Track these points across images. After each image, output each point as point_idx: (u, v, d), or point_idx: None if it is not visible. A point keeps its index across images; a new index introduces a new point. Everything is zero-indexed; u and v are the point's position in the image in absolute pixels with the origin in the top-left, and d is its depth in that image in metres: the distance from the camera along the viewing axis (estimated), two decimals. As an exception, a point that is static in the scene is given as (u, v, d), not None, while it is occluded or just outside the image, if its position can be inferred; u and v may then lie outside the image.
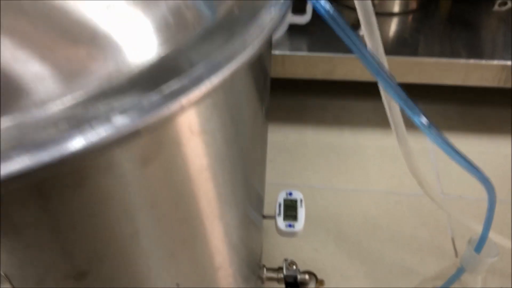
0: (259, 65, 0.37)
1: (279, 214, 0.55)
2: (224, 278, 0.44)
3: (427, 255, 0.88)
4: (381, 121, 1.13)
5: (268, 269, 0.65)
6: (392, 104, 0.48)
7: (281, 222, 0.54)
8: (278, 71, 0.98)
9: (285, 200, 0.55)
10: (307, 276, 0.65)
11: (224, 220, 0.40)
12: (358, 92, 1.22)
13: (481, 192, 0.57)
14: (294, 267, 0.63)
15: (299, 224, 0.54)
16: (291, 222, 0.54)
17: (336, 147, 1.08)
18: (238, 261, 0.47)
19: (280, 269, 0.65)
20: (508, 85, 0.97)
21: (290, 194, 0.56)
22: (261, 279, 0.65)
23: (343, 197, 0.97)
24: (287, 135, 1.11)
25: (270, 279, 0.65)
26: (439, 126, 0.42)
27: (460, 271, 0.68)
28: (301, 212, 0.55)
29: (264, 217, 0.58)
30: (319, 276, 0.84)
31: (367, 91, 1.21)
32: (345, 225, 0.93)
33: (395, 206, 0.96)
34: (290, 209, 0.55)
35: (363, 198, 0.97)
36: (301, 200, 0.56)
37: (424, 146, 1.07)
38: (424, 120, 0.39)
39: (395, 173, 1.02)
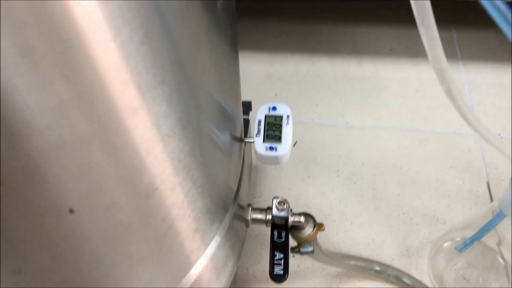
0: None
1: (258, 134, 0.41)
2: (174, 210, 0.32)
3: (456, 202, 0.74)
4: (406, 50, 0.97)
5: (255, 209, 0.53)
6: (430, 27, 0.33)
7: (259, 144, 0.41)
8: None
9: (267, 117, 0.42)
10: (302, 218, 0.52)
11: (172, 142, 0.28)
12: (380, 16, 1.05)
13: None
14: (285, 206, 0.51)
15: (284, 147, 0.41)
16: (273, 144, 0.41)
17: (353, 79, 0.93)
18: (196, 191, 0.34)
19: (269, 209, 0.52)
20: None
21: (274, 108, 0.43)
22: (245, 221, 0.52)
23: (358, 135, 0.83)
24: (297, 66, 0.96)
25: (257, 221, 0.53)
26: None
27: (498, 217, 0.54)
28: (287, 132, 0.42)
29: (241, 140, 0.45)
30: (325, 223, 0.71)
31: (389, 15, 1.04)
32: (359, 166, 0.79)
33: (420, 145, 0.81)
34: (273, 128, 0.42)
35: (382, 136, 0.83)
36: (287, 117, 0.42)
37: (457, 77, 0.91)
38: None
39: (420, 108, 0.87)
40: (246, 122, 0.67)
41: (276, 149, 0.41)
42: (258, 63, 0.97)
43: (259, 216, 0.53)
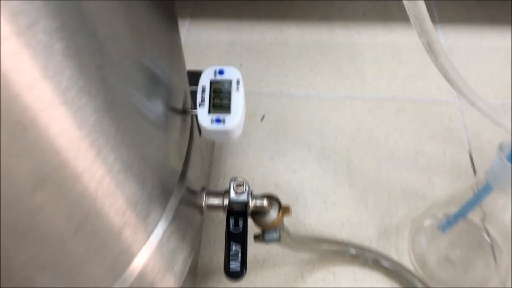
0: None
1: (202, 103, 0.34)
2: (82, 203, 0.25)
3: (437, 175, 0.68)
4: (380, 14, 0.90)
5: (210, 193, 0.46)
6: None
7: (204, 116, 0.34)
8: None
9: (212, 83, 0.35)
10: (265, 202, 0.45)
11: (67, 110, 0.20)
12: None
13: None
14: (245, 188, 0.44)
15: (234, 118, 0.34)
16: (221, 115, 0.34)
17: (324, 46, 0.86)
18: (114, 177, 0.27)
19: (226, 193, 0.45)
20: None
21: (221, 72, 0.35)
22: (199, 208, 0.45)
23: (330, 106, 0.77)
24: (264, 33, 0.88)
25: (213, 207, 0.45)
26: None
27: (484, 191, 0.49)
28: (238, 99, 0.34)
29: (184, 110, 0.37)
30: (294, 204, 0.65)
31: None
32: (332, 139, 0.72)
33: (397, 115, 0.75)
34: (220, 96, 0.35)
35: (356, 107, 0.76)
36: (237, 81, 0.35)
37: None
38: None
39: (396, 75, 0.81)
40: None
41: (224, 121, 0.34)
42: (221, 31, 0.88)
43: (216, 201, 0.46)
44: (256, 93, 0.79)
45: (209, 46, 0.86)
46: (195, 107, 0.38)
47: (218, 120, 0.34)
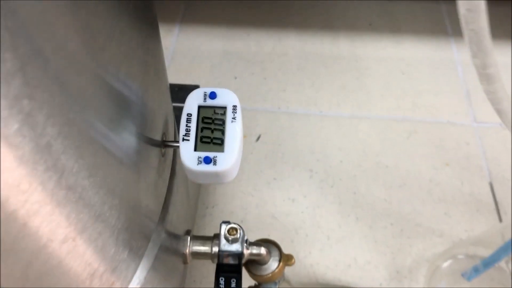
0: None
1: (187, 136, 0.26)
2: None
3: (454, 207, 0.60)
4: (387, 25, 0.82)
5: (196, 239, 0.37)
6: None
7: (189, 153, 0.25)
8: None
9: (201, 109, 0.26)
10: (262, 250, 0.37)
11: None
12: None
13: None
14: (239, 234, 0.35)
15: (228, 158, 0.26)
16: (211, 153, 0.26)
17: (327, 58, 0.78)
18: (91, 222, 0.19)
19: (216, 237, 0.37)
20: None
21: (213, 95, 0.27)
22: (182, 256, 0.37)
23: (334, 126, 0.69)
24: (261, 42, 0.80)
25: (200, 255, 0.37)
26: None
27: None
28: (234, 133, 0.26)
29: (164, 144, 0.29)
30: (293, 239, 0.57)
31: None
32: (336, 164, 0.64)
33: (408, 138, 0.67)
34: (211, 127, 0.26)
35: (362, 128, 0.68)
36: (233, 108, 0.27)
37: (448, 56, 0.77)
38: None
39: (406, 93, 0.73)
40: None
41: (215, 161, 0.26)
42: (214, 38, 0.80)
43: (203, 248, 0.37)
44: (251, 109, 0.71)
45: (200, 56, 0.78)
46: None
47: (207, 160, 0.26)
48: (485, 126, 0.68)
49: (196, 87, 0.56)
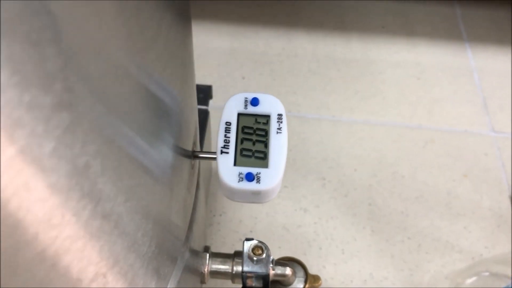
0: None
1: (226, 148, 0.22)
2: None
3: (474, 222, 0.57)
4: (402, 28, 0.79)
5: (215, 256, 0.34)
6: None
7: (228, 169, 0.22)
8: None
9: (241, 117, 0.23)
10: (287, 271, 0.34)
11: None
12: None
13: None
14: (264, 254, 0.32)
15: (273, 175, 0.22)
16: (254, 169, 0.22)
17: (339, 61, 0.75)
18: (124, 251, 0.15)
19: (237, 256, 0.33)
20: None
21: (254, 102, 0.23)
22: (200, 275, 0.33)
23: (347, 132, 0.65)
24: (270, 42, 0.77)
25: (219, 274, 0.34)
26: None
27: None
28: (279, 145, 0.23)
29: (194, 155, 0.25)
30: (305, 252, 0.53)
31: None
32: (350, 173, 0.61)
33: (424, 147, 0.64)
34: (253, 138, 0.23)
35: (377, 135, 0.65)
36: (278, 117, 0.24)
37: (464, 63, 0.74)
38: None
39: (422, 100, 0.70)
40: (204, 116, 0.47)
41: (258, 179, 0.22)
42: (220, 36, 0.77)
43: (222, 267, 0.34)
44: (260, 111, 0.67)
45: (206, 53, 0.74)
46: (201, 138, 0.26)
47: (249, 177, 0.22)
48: (503, 136, 0.66)
49: (208, 87, 0.52)
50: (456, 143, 0.65)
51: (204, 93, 0.50)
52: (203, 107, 0.48)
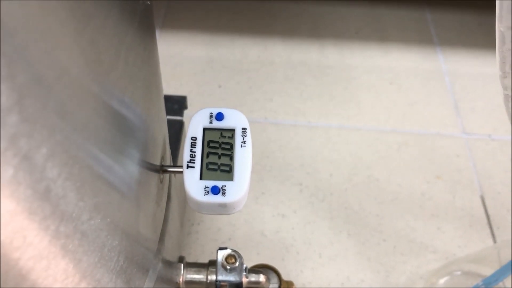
0: None
1: (192, 162, 0.23)
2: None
3: (447, 222, 0.59)
4: (375, 33, 0.81)
5: (190, 266, 0.34)
6: None
7: (194, 183, 0.23)
8: None
9: (206, 132, 0.24)
10: (261, 278, 0.34)
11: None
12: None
13: None
14: (237, 262, 0.33)
15: (238, 188, 0.23)
16: (219, 182, 0.23)
17: (314, 67, 0.76)
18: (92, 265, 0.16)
19: (212, 265, 0.34)
20: None
21: (219, 116, 0.24)
22: (175, 285, 0.34)
23: (323, 137, 0.67)
24: (246, 50, 0.78)
25: (193, 284, 0.34)
26: None
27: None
28: (244, 159, 0.24)
29: (163, 169, 0.26)
30: (283, 257, 0.54)
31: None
32: (326, 177, 0.62)
33: (398, 150, 0.66)
34: (218, 152, 0.24)
35: (352, 139, 0.67)
36: (243, 131, 0.24)
37: (436, 66, 0.76)
38: None
39: (396, 104, 0.72)
40: (179, 126, 0.48)
41: (224, 191, 0.23)
42: (196, 45, 0.77)
43: (197, 276, 0.35)
44: (237, 119, 0.68)
45: (182, 63, 0.75)
46: (175, 150, 0.27)
47: (215, 190, 0.23)
48: (474, 137, 0.68)
49: (183, 98, 0.53)
50: (429, 145, 0.67)
51: (179, 104, 0.50)
52: (178, 118, 0.49)
